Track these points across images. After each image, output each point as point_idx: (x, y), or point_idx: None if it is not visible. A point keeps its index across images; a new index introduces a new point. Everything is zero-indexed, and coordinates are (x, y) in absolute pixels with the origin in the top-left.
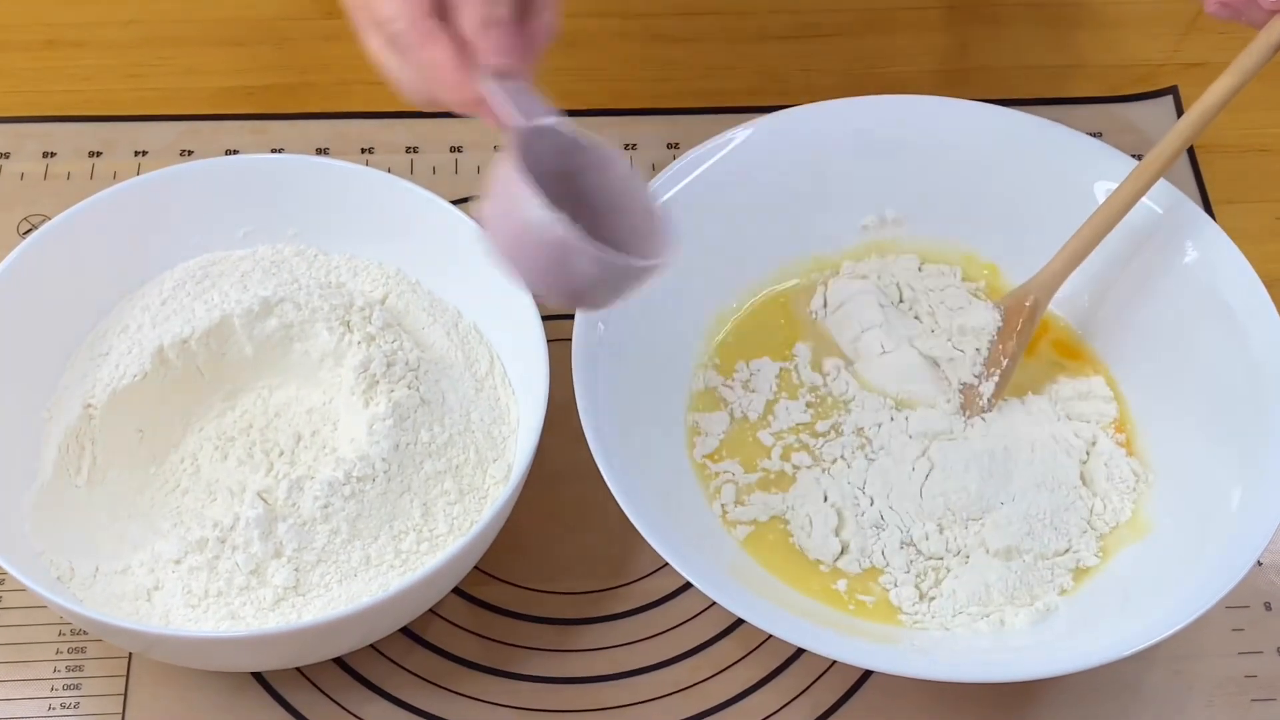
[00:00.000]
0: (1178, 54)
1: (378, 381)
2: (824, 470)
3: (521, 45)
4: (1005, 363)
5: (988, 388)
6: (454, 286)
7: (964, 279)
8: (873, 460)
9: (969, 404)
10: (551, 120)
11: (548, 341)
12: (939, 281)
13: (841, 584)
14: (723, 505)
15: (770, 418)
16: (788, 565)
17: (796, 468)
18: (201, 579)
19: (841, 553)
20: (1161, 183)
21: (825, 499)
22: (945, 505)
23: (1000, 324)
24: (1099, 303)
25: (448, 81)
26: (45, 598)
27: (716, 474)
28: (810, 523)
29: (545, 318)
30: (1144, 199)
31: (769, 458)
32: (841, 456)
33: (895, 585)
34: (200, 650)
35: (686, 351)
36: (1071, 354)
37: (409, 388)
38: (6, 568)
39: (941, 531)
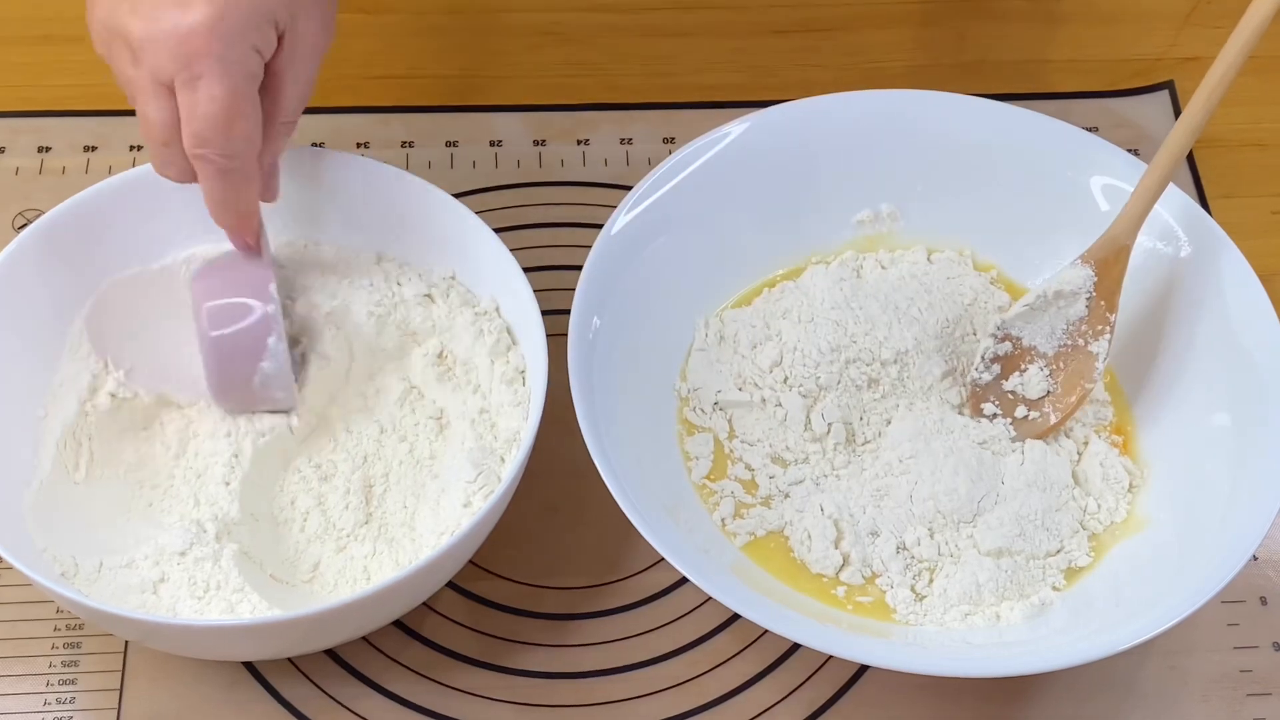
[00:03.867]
0: (1174, 48)
1: (373, 377)
2: (815, 483)
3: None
4: (1112, 318)
5: (1100, 347)
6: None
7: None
8: (862, 468)
9: (973, 404)
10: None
11: (546, 336)
12: (947, 270)
13: (840, 590)
14: (721, 519)
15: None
16: (786, 567)
17: (792, 483)
18: (206, 570)
19: (843, 565)
20: None
21: (821, 511)
22: (935, 509)
23: (1095, 279)
24: None
25: (250, 215)
26: (53, 592)
27: (714, 491)
28: (809, 536)
29: (544, 312)
30: None
31: (755, 487)
32: (832, 464)
33: (891, 587)
34: (199, 638)
35: (679, 349)
36: None
37: (402, 381)
38: (13, 563)
39: (932, 536)
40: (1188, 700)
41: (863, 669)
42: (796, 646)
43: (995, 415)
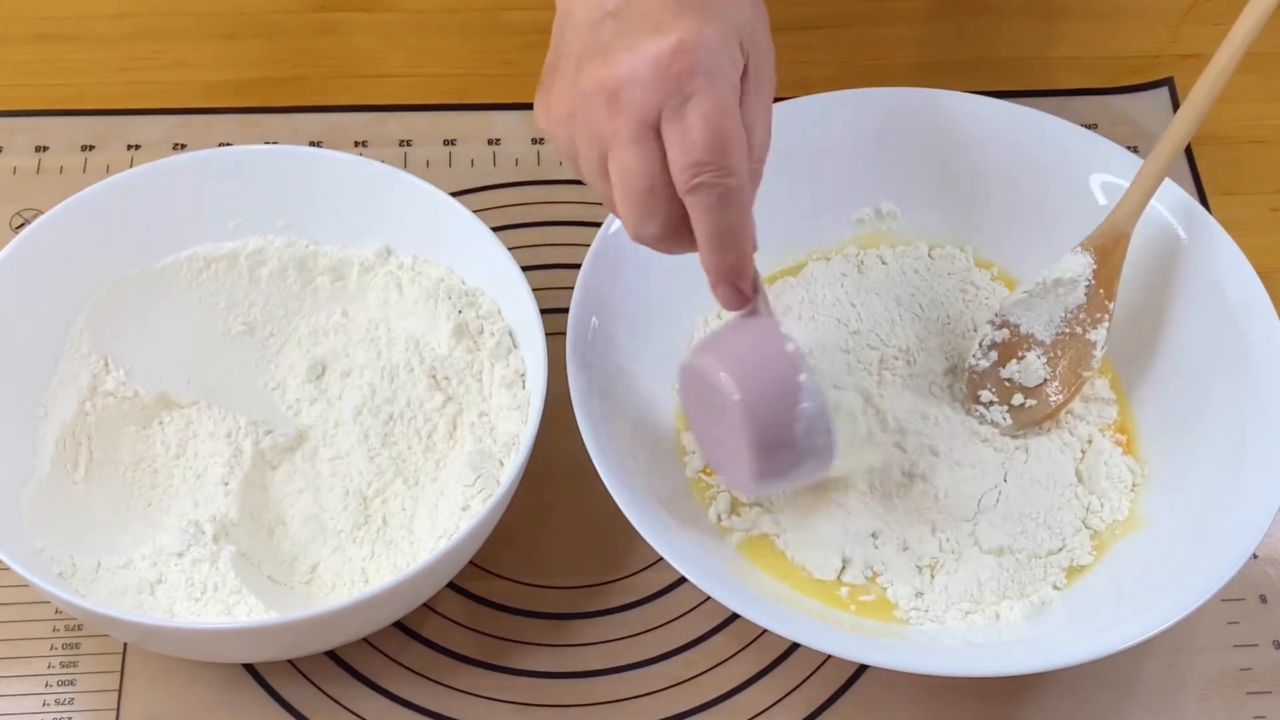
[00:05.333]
0: (1173, 45)
1: (372, 379)
2: (814, 484)
3: None
4: (1111, 305)
5: (1098, 335)
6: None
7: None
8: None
9: (970, 391)
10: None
11: (545, 335)
12: (946, 266)
13: (844, 591)
14: (718, 514)
15: None
16: (785, 565)
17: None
18: (203, 571)
19: (844, 568)
20: None
21: (822, 512)
22: (937, 507)
23: (1094, 266)
24: None
25: (749, 253)
26: (49, 592)
27: (710, 485)
28: (809, 541)
29: (543, 311)
30: None
31: None
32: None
33: (893, 585)
34: (197, 641)
35: (679, 348)
36: None
37: (402, 384)
38: (9, 563)
39: (934, 533)
40: (1187, 699)
41: (862, 668)
42: (795, 646)
43: (992, 403)
